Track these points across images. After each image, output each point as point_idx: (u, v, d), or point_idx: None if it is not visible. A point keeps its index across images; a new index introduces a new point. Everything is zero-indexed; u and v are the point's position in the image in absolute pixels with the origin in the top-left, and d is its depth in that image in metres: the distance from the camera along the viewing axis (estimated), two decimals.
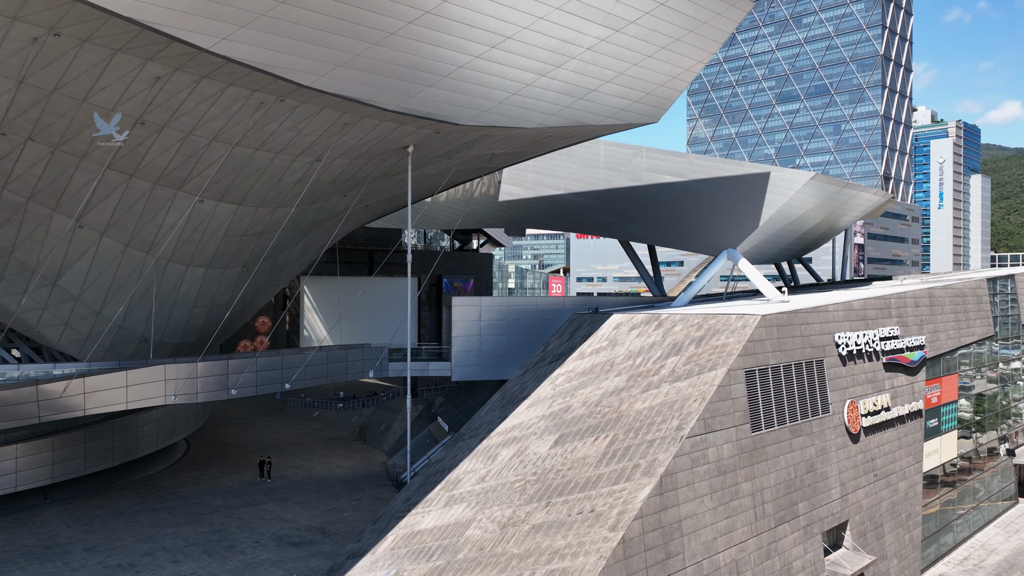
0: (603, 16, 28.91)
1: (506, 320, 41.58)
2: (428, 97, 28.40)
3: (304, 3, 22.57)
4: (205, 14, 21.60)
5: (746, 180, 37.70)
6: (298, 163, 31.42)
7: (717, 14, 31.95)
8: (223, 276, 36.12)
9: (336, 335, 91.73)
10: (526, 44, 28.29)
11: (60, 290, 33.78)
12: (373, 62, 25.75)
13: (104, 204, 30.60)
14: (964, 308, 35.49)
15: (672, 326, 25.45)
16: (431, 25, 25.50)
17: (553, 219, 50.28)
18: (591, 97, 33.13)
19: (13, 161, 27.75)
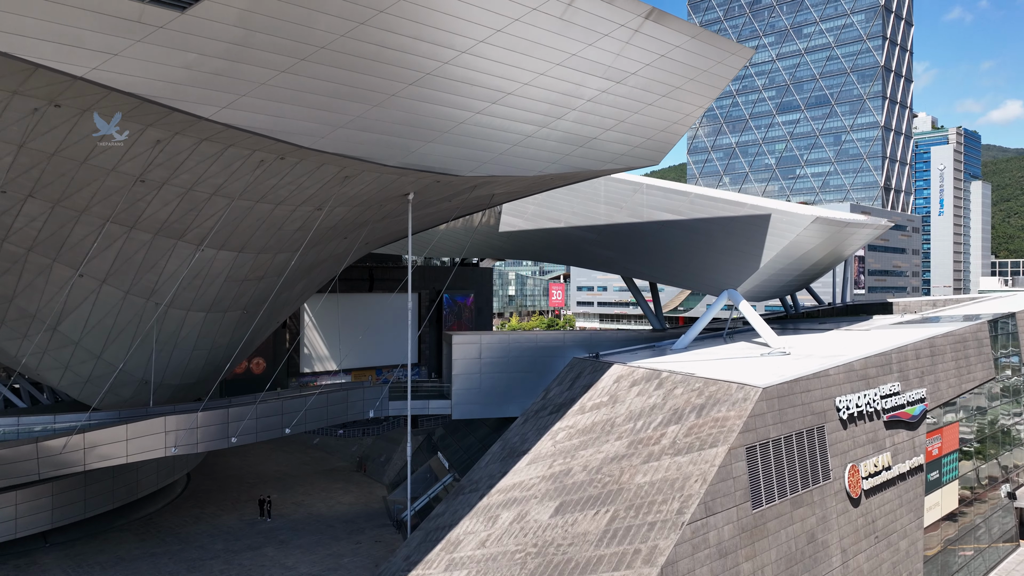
0: (603, 69, 28.95)
1: (506, 357, 41.54)
2: (429, 152, 28.40)
3: (305, 71, 22.61)
4: (205, 86, 21.62)
5: (747, 221, 37.66)
6: (298, 212, 31.40)
7: (717, 63, 31.99)
8: (223, 319, 36.09)
9: (336, 352, 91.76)
10: (527, 99, 28.32)
11: (60, 335, 33.76)
12: (374, 122, 25.77)
13: (104, 254, 30.57)
14: (965, 354, 35.44)
15: (673, 388, 25.42)
16: (432, 86, 25.52)
17: (553, 252, 50.27)
18: (592, 144, 33.13)
19: (13, 216, 27.74)
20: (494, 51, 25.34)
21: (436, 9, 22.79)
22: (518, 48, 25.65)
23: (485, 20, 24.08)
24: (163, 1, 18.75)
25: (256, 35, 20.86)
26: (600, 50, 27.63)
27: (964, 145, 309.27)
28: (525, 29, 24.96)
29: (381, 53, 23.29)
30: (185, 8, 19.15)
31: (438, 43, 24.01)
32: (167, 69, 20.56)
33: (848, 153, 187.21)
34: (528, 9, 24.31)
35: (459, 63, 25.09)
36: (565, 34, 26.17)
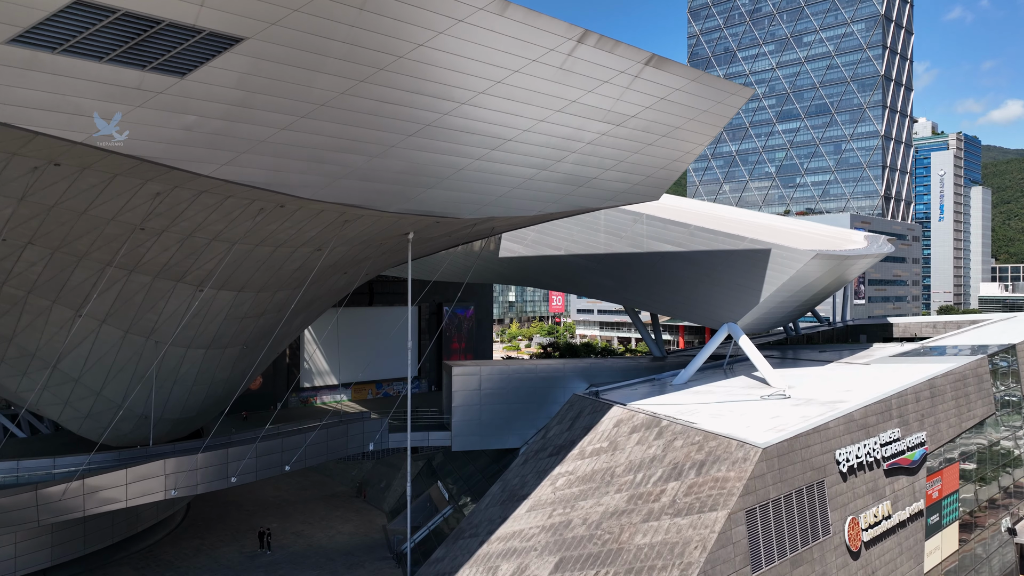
0: (604, 114, 28.98)
1: (505, 388, 41.51)
2: (429, 197, 28.39)
3: (304, 127, 22.61)
4: (205, 145, 21.63)
5: (747, 255, 37.64)
6: (298, 253, 31.40)
7: (717, 103, 32.02)
8: (223, 355, 36.07)
9: (336, 366, 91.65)
10: (527, 144, 28.32)
11: (60, 373, 33.74)
12: (373, 172, 25.76)
13: (104, 296, 30.55)
14: (965, 392, 35.41)
15: (673, 439, 25.38)
16: (432, 136, 25.53)
17: (553, 279, 50.25)
18: (592, 184, 33.14)
19: (13, 261, 27.72)
20: (494, 101, 25.35)
21: (436, 65, 22.80)
22: (518, 97, 25.66)
23: (485, 73, 24.09)
24: (163, 68, 18.78)
25: (256, 96, 20.88)
26: (600, 96, 27.65)
27: (964, 151, 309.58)
28: (525, 80, 24.99)
29: (381, 108, 23.30)
30: (185, 74, 19.17)
31: (438, 96, 24.02)
32: (167, 131, 20.57)
33: (848, 162, 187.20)
34: (528, 61, 24.33)
35: (459, 113, 25.09)
36: (565, 82, 26.19)
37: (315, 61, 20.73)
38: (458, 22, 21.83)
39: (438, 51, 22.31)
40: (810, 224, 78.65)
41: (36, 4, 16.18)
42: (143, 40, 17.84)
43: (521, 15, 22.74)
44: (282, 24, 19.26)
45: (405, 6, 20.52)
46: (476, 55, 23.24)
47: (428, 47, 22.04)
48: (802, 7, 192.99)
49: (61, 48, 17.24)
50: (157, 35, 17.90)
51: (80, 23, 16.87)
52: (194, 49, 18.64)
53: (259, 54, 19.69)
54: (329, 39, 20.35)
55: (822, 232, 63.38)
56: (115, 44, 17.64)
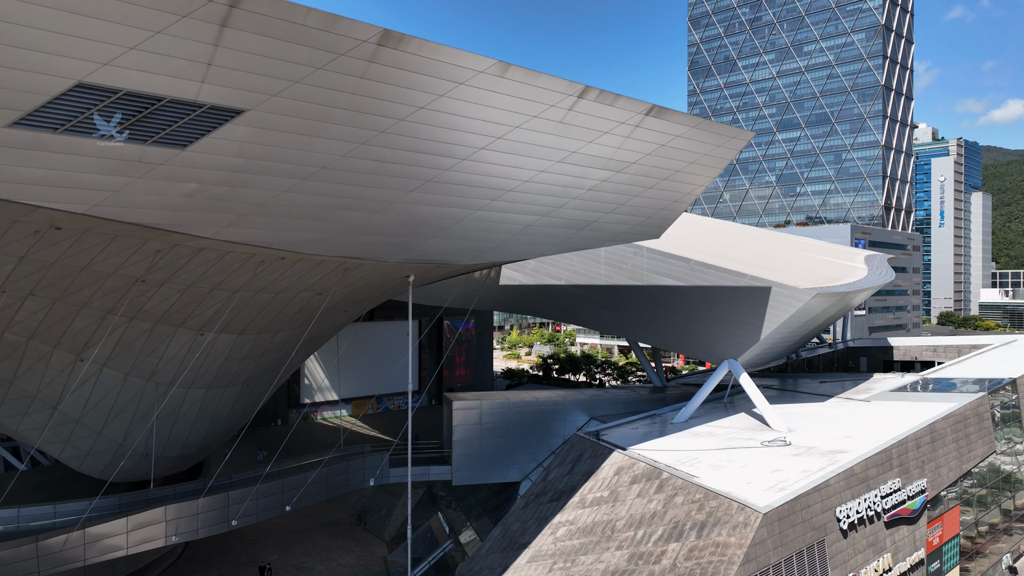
0: (605, 161, 28.99)
1: (506, 422, 41.48)
2: (429, 247, 28.40)
3: (304, 188, 22.63)
4: (206, 210, 21.65)
5: (748, 292, 37.61)
6: (299, 298, 31.41)
7: (718, 146, 32.05)
8: (223, 394, 36.07)
9: (336, 381, 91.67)
10: (528, 193, 28.33)
11: (61, 413, 33.75)
12: (374, 226, 25.78)
13: (105, 342, 30.56)
14: (966, 433, 35.36)
15: (673, 494, 25.36)
16: (433, 190, 25.54)
17: (553, 308, 50.21)
18: (593, 227, 33.15)
19: (14, 311, 27.74)
20: (496, 155, 25.35)
21: (438, 124, 22.80)
22: (519, 151, 25.67)
23: (487, 130, 24.10)
24: (164, 142, 18.80)
25: (257, 162, 20.90)
26: (601, 145, 27.66)
27: (965, 157, 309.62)
28: (527, 134, 24.99)
29: (382, 167, 23.32)
30: (186, 146, 19.19)
31: (439, 153, 24.03)
32: (167, 199, 20.60)
33: (848, 171, 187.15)
34: (529, 117, 24.33)
35: (460, 168, 25.10)
36: (566, 135, 26.20)
37: (316, 128, 20.75)
38: (459, 85, 21.85)
39: (439, 112, 22.33)
40: (811, 243, 78.57)
41: (38, 89, 16.19)
42: (144, 117, 17.86)
43: (522, 76, 22.76)
44: (283, 95, 19.28)
45: (406, 73, 20.55)
46: (477, 114, 23.27)
47: (429, 109, 22.07)
48: (802, 16, 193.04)
49: (63, 128, 17.27)
50: (158, 111, 17.93)
51: (81, 104, 16.89)
52: (195, 122, 18.66)
53: (260, 124, 19.71)
54: (330, 107, 20.37)
55: (823, 255, 63.31)
56: (116, 126, 17.66)
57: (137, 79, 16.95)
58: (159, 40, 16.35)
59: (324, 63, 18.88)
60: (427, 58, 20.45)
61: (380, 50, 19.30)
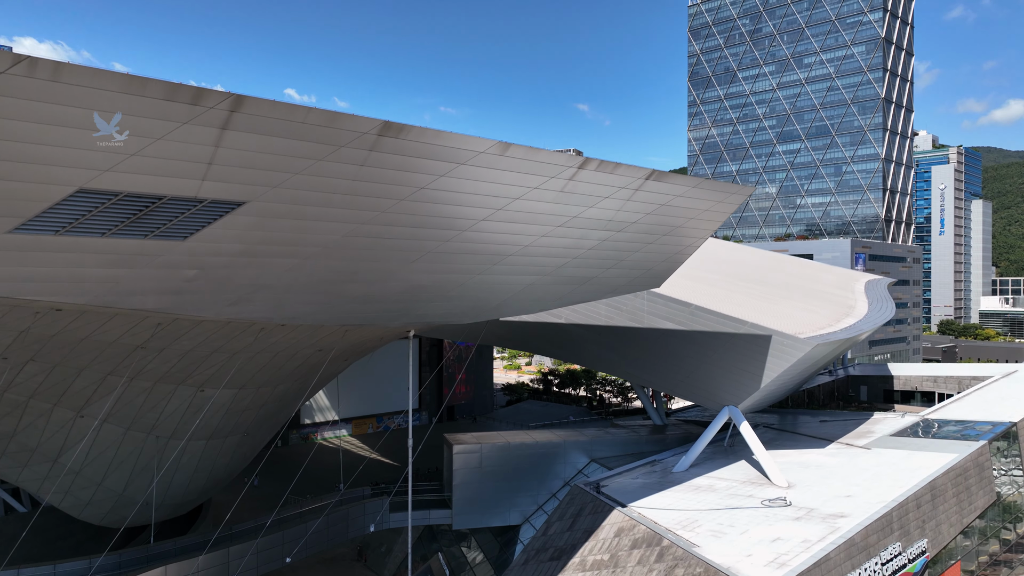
0: (605, 223, 28.98)
1: (506, 466, 41.46)
2: (429, 310, 28.42)
3: (304, 267, 22.63)
4: (208, 293, 21.64)
5: (748, 339, 37.58)
6: (300, 355, 31.41)
7: (718, 202, 32.04)
8: (224, 444, 36.07)
9: (335, 401, 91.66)
10: (529, 256, 28.32)
11: (61, 466, 33.74)
12: (373, 296, 25.79)
13: (105, 400, 30.56)
14: (966, 485, 35.31)
15: (674, 565, 25.31)
16: (433, 260, 25.55)
17: (554, 347, 50.20)
18: (593, 282, 33.15)
19: (15, 374, 27.75)
20: (496, 224, 25.35)
21: (438, 202, 22.80)
22: (520, 219, 25.66)
23: (487, 203, 24.10)
24: (164, 235, 18.81)
25: (258, 246, 20.91)
26: (602, 209, 27.65)
27: (965, 164, 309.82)
28: (527, 204, 24.99)
29: (382, 243, 23.33)
30: (187, 238, 19.20)
31: (440, 227, 24.04)
32: (168, 284, 20.61)
33: (849, 184, 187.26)
34: (529, 189, 24.35)
35: (461, 239, 25.10)
36: (567, 202, 26.20)
37: (317, 212, 20.76)
38: (460, 165, 21.88)
39: (440, 191, 22.33)
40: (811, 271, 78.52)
41: (39, 197, 16.20)
42: (144, 214, 17.88)
43: (522, 153, 22.78)
44: (284, 186, 19.29)
45: (407, 159, 20.56)
46: (478, 189, 23.27)
47: (430, 188, 22.08)
48: (802, 28, 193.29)
49: (63, 231, 17.28)
50: (158, 208, 17.94)
51: (82, 207, 16.90)
52: (196, 216, 18.67)
53: (261, 213, 19.71)
54: (331, 193, 20.37)
55: (824, 285, 63.31)
56: (116, 221, 17.67)
57: (137, 182, 16.97)
58: (160, 145, 16.36)
59: (324, 155, 18.90)
60: (428, 144, 20.47)
61: (380, 139, 19.32)
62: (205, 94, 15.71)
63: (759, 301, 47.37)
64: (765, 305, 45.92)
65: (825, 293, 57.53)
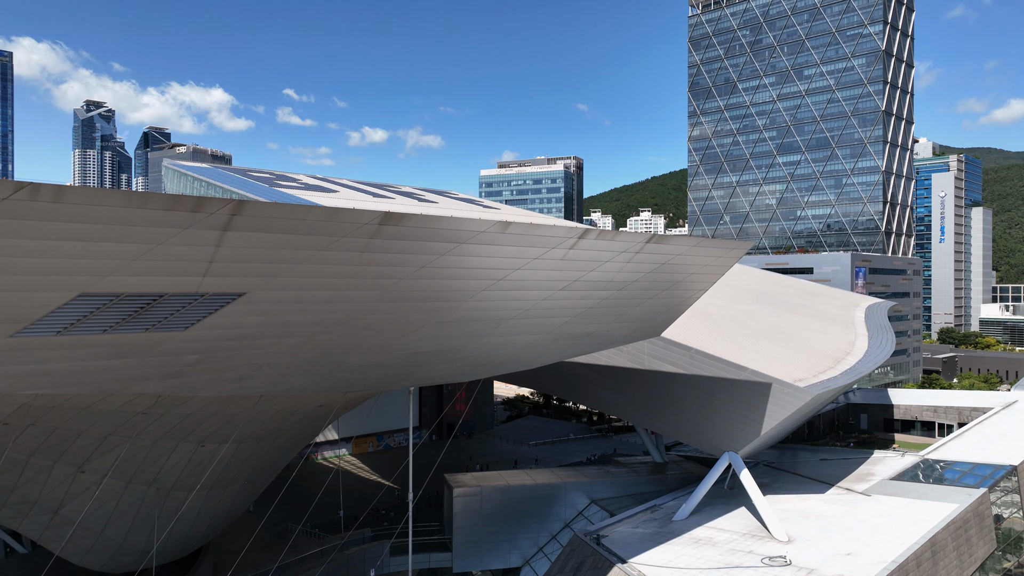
0: (605, 284, 29.01)
1: (506, 508, 41.42)
2: (428, 373, 28.45)
3: (303, 346, 22.64)
4: (210, 374, 21.67)
5: (748, 386, 37.59)
6: (301, 411, 31.43)
7: (717, 258, 32.09)
8: (224, 492, 36.07)
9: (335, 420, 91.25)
10: (530, 319, 28.35)
11: (62, 517, 33.75)
12: (374, 364, 25.81)
13: (106, 456, 30.59)
14: (967, 537, 35.26)
15: None
16: (433, 329, 25.57)
17: (555, 384, 50.22)
18: (593, 335, 33.18)
19: (14, 437, 27.78)
20: (497, 293, 25.38)
21: (439, 278, 22.82)
22: (521, 287, 25.70)
23: (488, 275, 24.14)
24: (164, 327, 18.84)
25: (258, 330, 20.93)
26: (602, 272, 27.70)
27: (965, 171, 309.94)
28: (528, 272, 25.01)
29: (383, 319, 23.36)
30: (187, 328, 19.23)
31: (441, 299, 24.07)
32: (170, 369, 20.64)
33: (849, 196, 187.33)
34: (530, 260, 24.38)
35: (461, 308, 25.13)
36: (568, 268, 26.22)
37: (318, 296, 20.80)
38: (460, 244, 21.91)
39: (441, 267, 22.37)
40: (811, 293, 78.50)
41: (40, 303, 16.23)
42: (145, 311, 17.91)
43: (522, 229, 22.81)
44: (284, 275, 19.33)
45: (407, 243, 20.60)
46: (479, 264, 23.30)
47: (431, 267, 22.11)
48: (803, 40, 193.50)
49: (64, 331, 17.30)
50: (159, 304, 17.97)
51: (82, 308, 16.93)
52: (196, 309, 18.70)
53: (262, 301, 19.75)
54: (331, 278, 20.41)
55: (824, 316, 63.30)
56: (117, 318, 17.70)
57: (138, 283, 17.00)
58: (160, 250, 16.40)
59: (325, 246, 18.93)
60: (428, 228, 20.51)
61: (381, 228, 19.35)
62: (206, 202, 15.75)
63: (759, 340, 47.37)
64: (765, 345, 45.92)
65: (825, 326, 57.54)
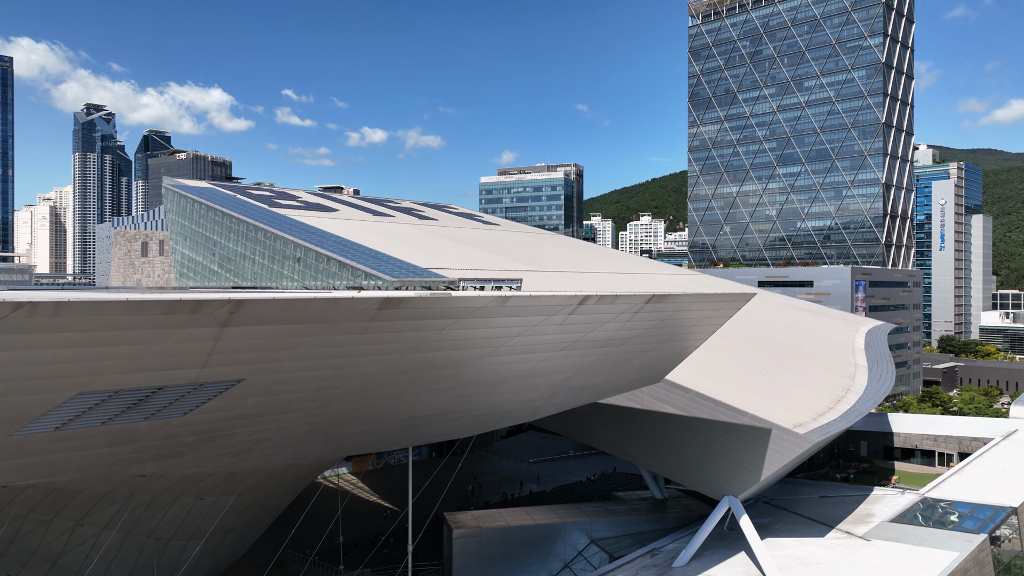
0: (605, 342, 29.03)
1: (506, 548, 41.37)
2: (428, 433, 28.44)
3: (303, 420, 22.64)
4: (206, 452, 21.64)
5: (748, 431, 37.57)
6: (299, 466, 31.40)
7: (718, 310, 32.10)
8: (224, 539, 36.04)
9: None
10: (529, 378, 28.34)
11: (60, 567, 33.71)
12: (372, 430, 25.82)
13: (105, 511, 30.56)
14: None
15: None
16: (431, 395, 25.58)
17: (558, 423, 49.94)
18: (592, 388, 33.15)
19: (14, 496, 27.77)
20: (496, 359, 25.41)
21: (439, 350, 22.83)
22: (521, 351, 25.71)
23: (488, 344, 24.15)
24: (162, 415, 18.84)
25: (256, 410, 20.94)
26: (602, 331, 27.74)
27: (965, 179, 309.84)
28: (528, 338, 25.05)
29: (382, 392, 23.37)
30: (186, 414, 19.23)
31: (441, 367, 24.09)
32: (169, 451, 20.64)
33: (849, 208, 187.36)
34: (530, 326, 24.41)
35: (460, 373, 25.15)
36: (568, 332, 26.25)
37: (317, 375, 20.81)
38: (460, 319, 21.94)
39: (442, 340, 22.40)
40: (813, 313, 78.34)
41: (39, 404, 16.24)
42: (143, 403, 17.92)
43: (521, 302, 22.85)
44: (282, 360, 19.35)
45: (407, 322, 20.62)
46: (479, 335, 23.33)
47: (432, 340, 22.14)
48: (803, 52, 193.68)
49: (63, 426, 17.31)
50: (158, 396, 17.98)
51: (81, 405, 16.95)
52: (195, 397, 18.71)
53: (261, 384, 19.76)
54: (331, 358, 20.43)
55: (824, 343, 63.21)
56: (115, 411, 17.71)
57: (137, 380, 17.02)
58: (159, 347, 16.41)
59: (324, 332, 18.97)
60: (428, 307, 20.54)
61: (381, 312, 19.39)
62: (204, 304, 15.77)
63: (758, 375, 47.31)
64: (764, 381, 45.86)
65: (825, 355, 57.50)
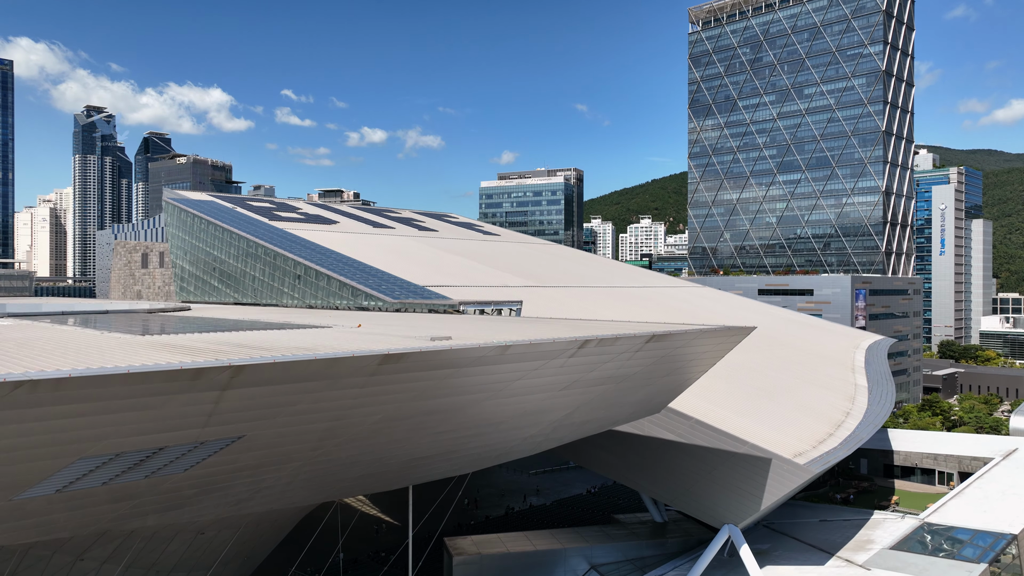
0: (606, 379, 29.04)
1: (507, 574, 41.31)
2: (428, 472, 28.45)
3: (304, 469, 22.64)
4: (206, 503, 21.65)
5: (748, 460, 37.58)
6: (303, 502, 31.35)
7: (717, 344, 32.11)
8: (225, 570, 36.02)
9: None
10: (529, 415, 28.36)
11: None
12: (373, 472, 25.83)
13: (105, 547, 30.54)
14: None
15: None
16: (432, 439, 25.59)
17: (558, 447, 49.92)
18: (592, 423, 33.17)
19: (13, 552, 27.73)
20: (497, 401, 25.43)
21: (439, 396, 22.86)
22: (521, 393, 25.73)
23: (488, 389, 24.17)
24: (163, 472, 18.85)
25: (256, 463, 20.95)
26: (603, 370, 27.75)
27: (965, 184, 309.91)
28: (529, 381, 25.07)
29: (380, 439, 23.39)
30: (187, 470, 19.24)
31: (441, 411, 24.10)
32: (170, 503, 20.64)
33: (849, 216, 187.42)
34: (530, 370, 24.42)
35: (460, 417, 25.16)
36: (568, 373, 26.26)
37: (318, 428, 20.82)
38: (461, 368, 21.97)
39: (442, 388, 22.43)
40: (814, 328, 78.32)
41: (41, 470, 16.26)
42: (144, 462, 17.94)
43: (522, 349, 22.86)
44: (283, 416, 19.37)
45: (408, 374, 20.65)
46: (480, 381, 23.36)
47: (433, 388, 22.17)
48: (803, 59, 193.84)
49: (64, 488, 17.33)
50: (158, 456, 18.00)
51: (82, 468, 16.96)
52: (195, 454, 18.73)
53: (260, 438, 19.78)
54: (331, 411, 20.45)
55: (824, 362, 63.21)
56: (116, 472, 17.73)
57: (137, 442, 17.04)
58: (160, 412, 16.44)
59: (324, 388, 19.00)
60: (427, 360, 20.57)
61: (381, 367, 19.42)
62: (204, 372, 15.79)
63: (758, 399, 47.32)
64: (764, 405, 45.88)
65: (825, 376, 57.50)
